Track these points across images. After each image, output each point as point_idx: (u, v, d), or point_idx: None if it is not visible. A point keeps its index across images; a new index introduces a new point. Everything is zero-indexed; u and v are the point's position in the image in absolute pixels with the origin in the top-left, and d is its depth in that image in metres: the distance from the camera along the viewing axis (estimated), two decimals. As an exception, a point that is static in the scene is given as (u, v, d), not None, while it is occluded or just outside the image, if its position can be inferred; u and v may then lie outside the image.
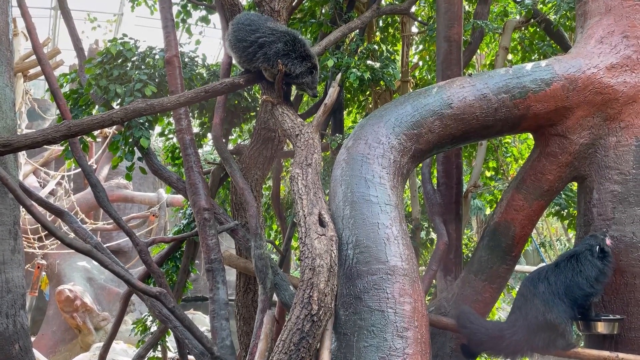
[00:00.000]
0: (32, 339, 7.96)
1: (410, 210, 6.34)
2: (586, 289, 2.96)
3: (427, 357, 2.37)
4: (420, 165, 5.00)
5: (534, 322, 2.93)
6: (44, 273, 13.13)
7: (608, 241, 3.10)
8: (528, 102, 3.25)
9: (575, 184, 3.73)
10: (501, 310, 8.20)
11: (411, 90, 6.14)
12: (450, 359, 4.02)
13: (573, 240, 4.37)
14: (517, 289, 3.29)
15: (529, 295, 3.03)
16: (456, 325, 3.25)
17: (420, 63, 7.06)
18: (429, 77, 6.87)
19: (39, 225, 2.66)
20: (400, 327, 2.34)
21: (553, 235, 14.38)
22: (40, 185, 14.26)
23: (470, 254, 6.01)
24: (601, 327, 3.11)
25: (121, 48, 4.76)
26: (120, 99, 4.58)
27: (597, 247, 3.03)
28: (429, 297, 5.93)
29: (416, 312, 2.43)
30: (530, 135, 4.90)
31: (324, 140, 5.35)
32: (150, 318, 6.06)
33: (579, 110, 3.32)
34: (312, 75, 3.26)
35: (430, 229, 6.29)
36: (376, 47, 5.55)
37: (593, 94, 3.31)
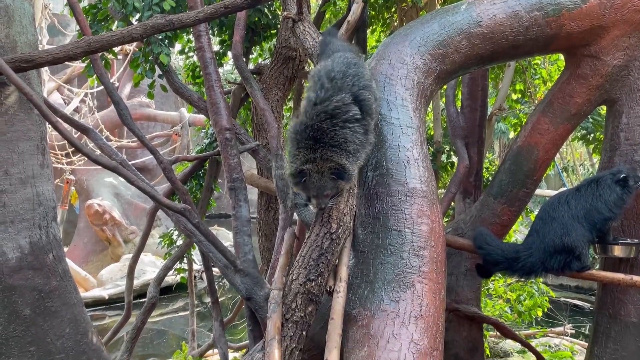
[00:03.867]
0: (65, 249, 8.36)
1: (432, 133, 6.28)
2: (605, 212, 2.95)
3: (442, 276, 2.43)
4: (445, 87, 4.89)
5: (551, 245, 2.96)
6: (73, 188, 13.58)
7: None
8: (561, 21, 3.09)
9: (604, 107, 3.62)
10: (518, 233, 8.28)
11: (439, 7, 5.87)
12: (464, 277, 4.14)
13: (597, 166, 4.31)
14: (535, 213, 3.29)
15: (548, 218, 3.04)
16: (472, 245, 3.29)
17: (450, -23, 6.68)
18: (459, -8, 6.52)
19: (66, 142, 2.70)
20: (417, 247, 2.40)
21: (577, 160, 14.19)
22: (65, 103, 14.41)
23: (490, 178, 6.00)
24: (618, 251, 3.14)
25: (138, -40, 4.59)
26: (139, 14, 4.49)
27: (620, 173, 2.99)
28: (447, 219, 6.01)
29: (433, 233, 2.47)
30: (561, 56, 4.71)
31: (347, 60, 5.21)
32: (176, 233, 6.30)
33: (614, 29, 3.16)
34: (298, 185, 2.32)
35: (452, 152, 6.25)
36: (403, -40, 5.26)
37: (632, 12, 3.13)
